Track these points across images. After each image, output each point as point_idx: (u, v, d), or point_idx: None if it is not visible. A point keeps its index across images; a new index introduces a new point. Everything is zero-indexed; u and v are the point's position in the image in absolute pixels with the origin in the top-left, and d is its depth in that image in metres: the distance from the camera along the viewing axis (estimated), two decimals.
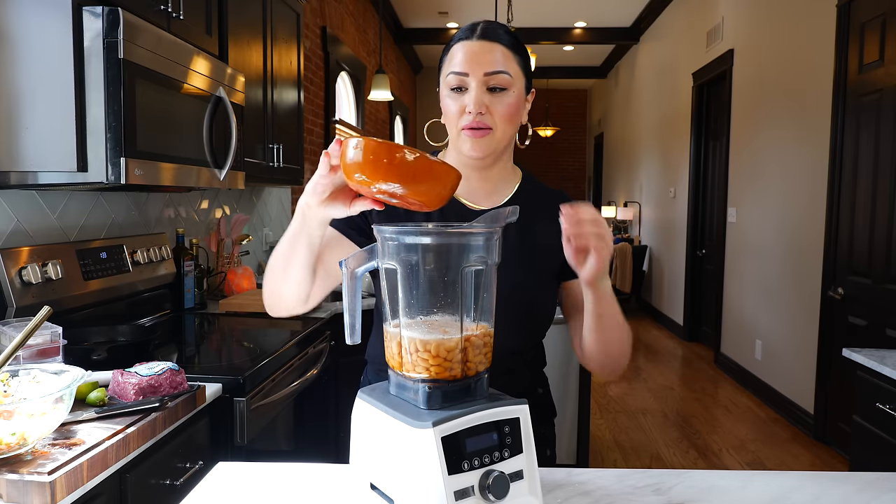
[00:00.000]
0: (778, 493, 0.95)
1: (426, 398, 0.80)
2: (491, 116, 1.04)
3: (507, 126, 1.06)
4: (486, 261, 0.82)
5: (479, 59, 1.03)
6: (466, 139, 1.05)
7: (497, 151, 1.10)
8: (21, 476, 0.94)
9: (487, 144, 1.06)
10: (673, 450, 3.45)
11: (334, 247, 1.08)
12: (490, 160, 1.11)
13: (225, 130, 1.99)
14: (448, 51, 1.08)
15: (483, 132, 1.04)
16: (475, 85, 1.03)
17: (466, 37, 1.05)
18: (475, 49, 1.04)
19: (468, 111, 1.03)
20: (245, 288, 2.60)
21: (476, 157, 1.08)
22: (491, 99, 1.04)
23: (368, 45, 6.31)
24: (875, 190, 3.02)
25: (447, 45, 1.09)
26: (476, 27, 1.06)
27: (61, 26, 1.40)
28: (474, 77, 1.03)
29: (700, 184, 5.78)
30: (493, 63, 1.03)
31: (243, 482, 0.97)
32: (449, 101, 1.06)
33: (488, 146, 1.06)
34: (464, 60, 1.03)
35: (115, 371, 1.30)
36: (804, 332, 3.70)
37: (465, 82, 1.04)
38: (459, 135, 1.06)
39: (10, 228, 1.64)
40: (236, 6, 2.27)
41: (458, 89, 1.05)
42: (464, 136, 1.06)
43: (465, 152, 1.07)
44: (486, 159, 1.09)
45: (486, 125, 1.04)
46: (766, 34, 4.31)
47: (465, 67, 1.03)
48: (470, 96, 1.03)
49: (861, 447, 2.00)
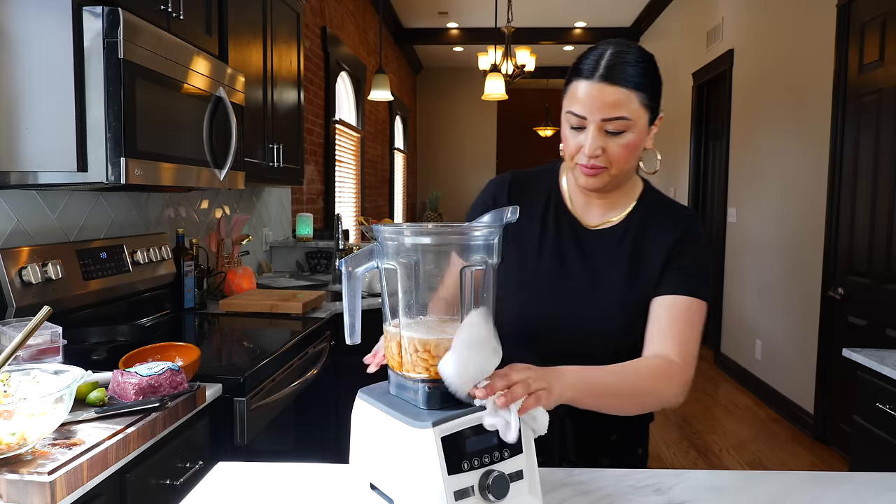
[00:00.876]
0: (778, 493, 0.95)
1: (426, 398, 0.80)
2: (606, 157, 1.03)
3: (623, 165, 1.05)
4: (486, 261, 0.82)
5: (598, 103, 1.00)
6: (581, 174, 1.06)
7: (610, 185, 1.09)
8: (21, 476, 0.94)
9: (601, 180, 1.06)
10: (673, 450, 3.45)
11: None
12: (607, 190, 1.11)
13: (225, 130, 1.99)
14: (570, 82, 1.05)
15: (598, 171, 1.04)
16: (592, 129, 1.02)
17: (589, 75, 1.01)
18: (594, 93, 1.00)
19: (583, 152, 1.03)
20: (245, 288, 2.60)
21: (589, 190, 1.09)
22: (607, 140, 1.03)
23: (368, 45, 6.31)
24: (875, 190, 3.02)
25: (571, 71, 1.06)
26: (599, 62, 1.01)
27: (61, 26, 1.40)
28: (591, 121, 1.01)
29: (700, 184, 5.78)
30: (611, 109, 1.00)
31: (243, 482, 0.97)
32: (568, 135, 1.06)
33: (602, 182, 1.07)
34: (582, 103, 1.01)
35: (115, 371, 1.30)
36: (804, 332, 3.70)
37: (583, 123, 1.03)
38: (575, 167, 1.07)
39: (10, 228, 1.64)
40: (236, 6, 2.27)
41: (576, 127, 1.04)
42: (578, 170, 1.06)
43: (580, 183, 1.08)
44: (602, 190, 1.10)
45: (601, 166, 1.04)
46: (766, 34, 4.31)
47: (582, 111, 1.01)
48: (587, 139, 1.02)
49: (861, 447, 2.00)
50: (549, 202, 1.15)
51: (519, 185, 1.17)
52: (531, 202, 1.15)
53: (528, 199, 1.15)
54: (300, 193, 4.17)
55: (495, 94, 4.50)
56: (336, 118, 5.00)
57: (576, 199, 1.15)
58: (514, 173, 1.20)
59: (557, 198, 1.16)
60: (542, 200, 1.15)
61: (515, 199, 1.14)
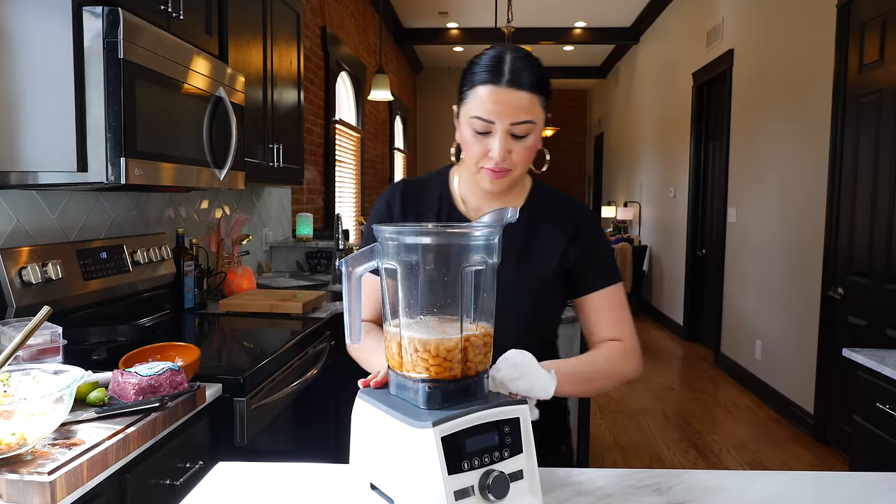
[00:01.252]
0: (778, 493, 0.95)
1: (426, 398, 0.80)
2: (511, 160, 1.07)
3: (525, 165, 1.09)
4: (486, 261, 0.83)
5: (506, 108, 1.03)
6: (486, 177, 1.09)
7: (511, 186, 1.14)
8: (21, 476, 0.94)
9: (505, 182, 1.10)
10: (673, 450, 3.45)
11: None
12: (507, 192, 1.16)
13: (225, 130, 1.99)
14: (472, 87, 1.05)
15: (503, 173, 1.08)
16: (500, 133, 1.04)
17: (494, 80, 1.03)
18: (503, 98, 1.02)
19: (490, 156, 1.06)
20: (245, 288, 2.60)
21: (494, 192, 1.13)
22: (513, 144, 1.06)
23: (368, 45, 6.31)
24: (875, 190, 3.02)
25: (471, 76, 1.06)
26: (502, 67, 1.03)
27: (61, 26, 1.40)
28: (500, 126, 1.04)
29: (700, 184, 5.78)
30: (518, 112, 1.03)
31: (243, 482, 0.97)
32: (472, 140, 1.07)
33: (506, 183, 1.11)
34: (491, 109, 1.03)
35: (115, 371, 1.30)
36: (804, 332, 3.70)
37: (490, 128, 1.04)
38: (479, 171, 1.09)
39: (10, 228, 1.64)
40: (236, 6, 2.27)
41: (482, 133, 1.06)
42: (483, 174, 1.09)
43: (484, 188, 1.12)
44: (503, 192, 1.15)
45: (507, 168, 1.07)
46: (766, 34, 4.31)
47: (492, 116, 1.03)
48: (494, 144, 1.04)
49: (861, 447, 2.00)
50: (441, 205, 1.19)
51: (411, 191, 1.21)
52: (424, 207, 1.19)
53: (421, 204, 1.19)
54: (300, 193, 4.17)
55: None
56: (336, 118, 5.00)
57: (468, 200, 1.19)
58: (406, 181, 1.24)
59: (449, 201, 1.19)
60: (435, 204, 1.19)
61: (409, 203, 1.18)
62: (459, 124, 1.10)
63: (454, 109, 1.13)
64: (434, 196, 1.20)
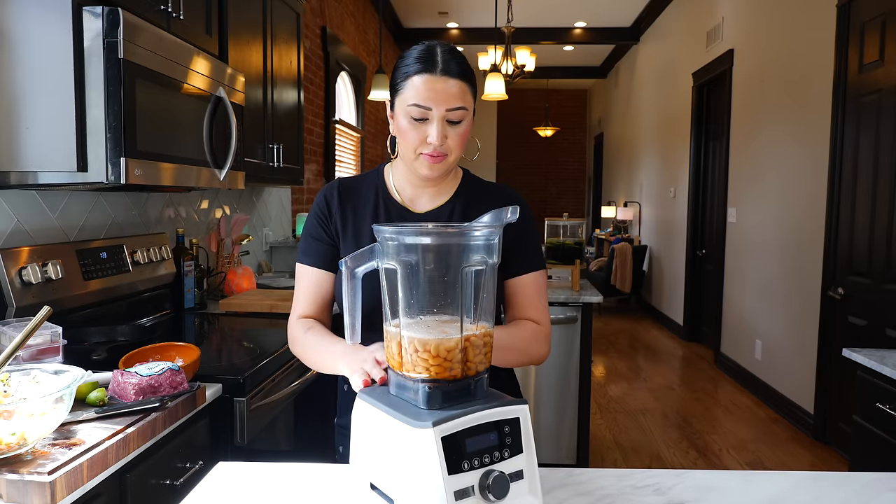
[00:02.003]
0: (778, 493, 0.95)
1: (426, 398, 0.80)
2: (447, 145, 1.13)
3: (459, 150, 1.16)
4: (486, 261, 0.83)
5: (442, 95, 1.10)
6: (424, 163, 1.14)
7: (448, 171, 1.19)
8: (21, 476, 0.94)
9: (442, 167, 1.15)
10: (673, 450, 3.45)
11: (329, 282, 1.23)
12: (442, 178, 1.20)
13: (225, 130, 1.99)
14: (407, 78, 1.11)
15: (440, 158, 1.13)
16: (437, 119, 1.10)
17: (428, 69, 1.10)
18: (437, 86, 1.09)
19: (429, 141, 1.11)
20: (245, 288, 2.60)
21: (432, 179, 1.18)
22: (449, 129, 1.12)
23: (368, 45, 6.31)
24: (875, 190, 3.02)
25: (404, 67, 1.13)
26: (434, 58, 1.11)
27: (61, 26, 1.40)
28: (437, 112, 1.10)
29: (700, 184, 5.78)
30: (454, 99, 1.10)
31: (243, 482, 0.97)
32: (409, 129, 1.13)
33: (443, 168, 1.16)
34: (427, 96, 1.09)
35: (115, 371, 1.30)
36: (804, 332, 3.70)
37: (427, 115, 1.10)
38: (417, 158, 1.14)
39: (10, 228, 1.64)
40: (236, 6, 2.27)
41: (419, 119, 1.11)
42: (422, 160, 1.14)
43: (422, 174, 1.16)
44: (439, 178, 1.19)
45: (444, 153, 1.13)
46: (766, 34, 4.31)
47: (428, 102, 1.09)
48: (432, 129, 1.11)
49: (861, 447, 2.00)
50: (377, 199, 1.23)
51: (347, 189, 1.25)
52: (361, 203, 1.24)
53: (358, 200, 1.24)
54: (300, 193, 4.17)
55: (495, 94, 4.49)
56: (336, 118, 5.00)
57: (403, 192, 1.24)
58: (341, 180, 1.29)
59: (385, 193, 1.24)
60: (371, 199, 1.24)
61: (346, 200, 1.23)
62: (395, 115, 1.16)
63: (387, 103, 1.19)
64: (370, 190, 1.24)
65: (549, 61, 9.37)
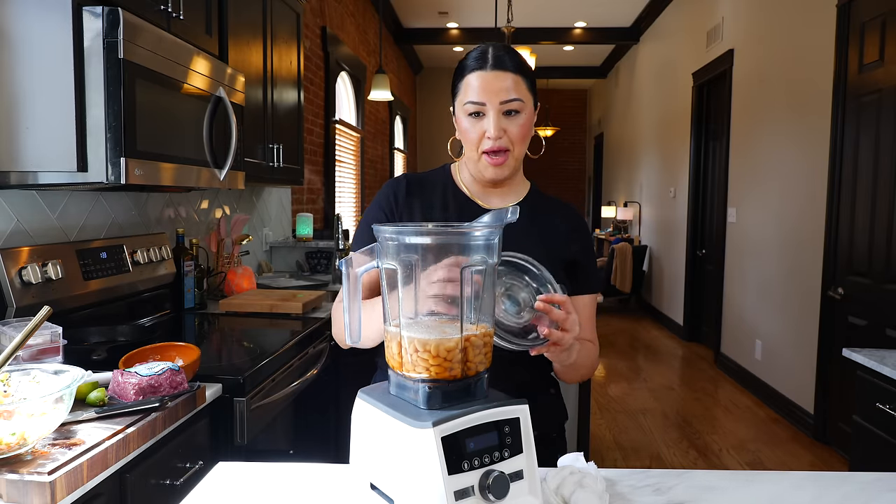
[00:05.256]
0: (778, 493, 0.95)
1: (426, 398, 0.80)
2: (508, 138, 1.14)
3: (522, 145, 1.16)
4: (486, 261, 0.82)
5: (495, 88, 1.11)
6: (487, 165, 1.15)
7: (513, 171, 1.19)
8: (21, 476, 0.94)
9: (506, 168, 1.16)
10: (673, 450, 3.45)
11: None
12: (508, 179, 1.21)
13: (225, 130, 1.99)
14: (462, 78, 1.15)
15: (502, 157, 1.14)
16: (493, 112, 1.12)
17: (480, 66, 1.13)
18: (489, 80, 1.12)
19: (487, 136, 1.13)
20: (245, 288, 2.60)
21: (496, 182, 1.18)
22: (507, 122, 1.13)
23: (368, 45, 6.31)
24: (875, 190, 3.02)
25: (460, 69, 1.16)
26: (486, 56, 1.13)
27: (61, 26, 1.40)
28: (491, 106, 1.12)
29: (700, 184, 5.78)
30: (507, 91, 1.12)
31: (243, 482, 0.97)
32: (468, 127, 1.15)
33: (507, 168, 1.16)
34: (480, 91, 1.12)
35: (115, 371, 1.30)
36: (804, 332, 3.70)
37: (482, 110, 1.13)
38: (480, 158, 1.15)
39: (10, 228, 1.64)
40: (236, 6, 2.27)
41: (475, 115, 1.13)
42: (484, 162, 1.15)
43: (487, 176, 1.17)
44: (505, 180, 1.19)
45: (504, 147, 1.14)
46: (766, 34, 4.31)
47: (482, 97, 1.12)
48: (489, 123, 1.12)
49: (861, 447, 2.00)
50: (446, 193, 1.23)
51: (415, 183, 1.25)
52: (430, 196, 1.23)
53: (427, 193, 1.23)
54: (300, 193, 4.17)
55: None
56: (336, 118, 5.00)
57: (472, 189, 1.24)
58: (408, 175, 1.28)
59: (454, 189, 1.24)
60: (440, 193, 1.23)
61: (415, 193, 1.22)
62: (457, 118, 1.17)
63: (452, 110, 1.21)
64: (439, 187, 1.24)
65: (549, 61, 9.37)
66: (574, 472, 0.89)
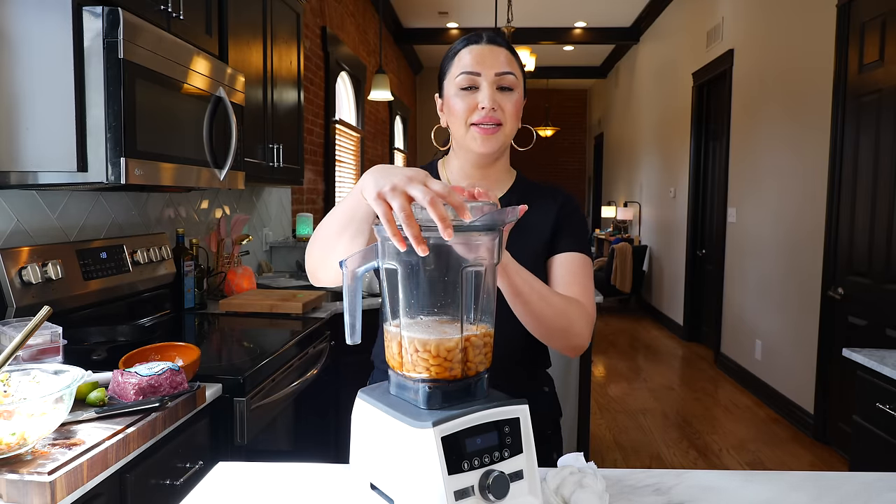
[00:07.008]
0: (778, 493, 0.95)
1: (426, 398, 0.80)
2: (502, 112, 1.11)
3: (514, 122, 1.14)
4: (486, 261, 0.82)
5: (489, 60, 1.11)
6: (476, 136, 1.12)
7: (503, 147, 1.16)
8: (21, 476, 0.94)
9: (496, 140, 1.13)
10: (673, 450, 3.45)
11: None
12: (495, 156, 1.18)
13: (225, 130, 1.99)
14: (455, 55, 1.14)
15: (494, 129, 1.12)
16: (487, 84, 1.10)
17: (475, 41, 1.13)
18: (485, 52, 1.11)
19: (480, 107, 1.10)
20: (245, 288, 2.60)
21: (486, 153, 1.14)
22: (500, 97, 1.11)
23: (368, 45, 6.31)
24: (875, 190, 3.02)
25: (451, 51, 1.16)
26: (481, 34, 1.14)
27: (61, 26, 1.40)
28: (486, 77, 1.10)
29: (700, 184, 5.78)
30: (502, 64, 1.11)
31: (243, 482, 0.97)
32: (458, 101, 1.12)
33: (497, 141, 1.13)
34: (474, 62, 1.11)
35: (115, 371, 1.30)
36: (804, 332, 3.70)
37: (476, 81, 1.11)
38: (469, 131, 1.13)
39: (10, 228, 1.64)
40: (236, 6, 2.27)
41: (468, 88, 1.11)
42: (473, 133, 1.12)
43: (476, 149, 1.13)
44: (493, 154, 1.16)
45: (498, 120, 1.11)
46: (766, 34, 4.31)
47: (476, 68, 1.10)
48: (483, 94, 1.10)
49: (861, 447, 2.00)
50: None
51: None
52: None
53: None
54: (300, 193, 4.17)
55: None
56: (336, 118, 5.00)
57: (458, 184, 1.18)
58: None
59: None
60: None
61: None
62: (445, 98, 1.15)
63: (437, 100, 1.19)
64: None
65: (549, 61, 9.37)
66: (574, 472, 0.89)
